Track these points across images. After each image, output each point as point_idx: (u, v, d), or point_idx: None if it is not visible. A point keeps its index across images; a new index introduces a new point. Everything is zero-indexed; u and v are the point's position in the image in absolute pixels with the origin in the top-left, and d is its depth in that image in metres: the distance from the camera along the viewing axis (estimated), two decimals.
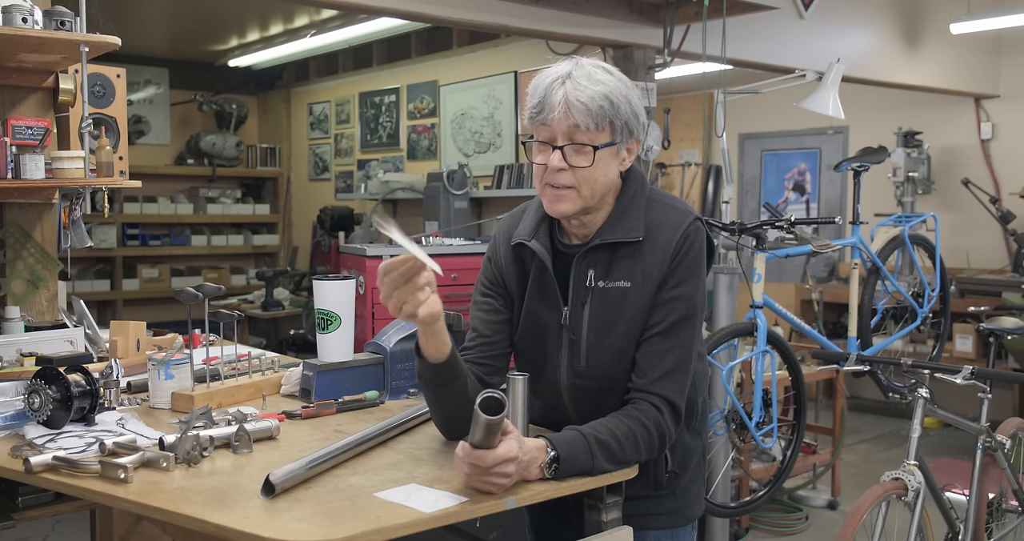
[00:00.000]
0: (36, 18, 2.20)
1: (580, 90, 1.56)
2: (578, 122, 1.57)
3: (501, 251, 1.79)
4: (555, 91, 1.58)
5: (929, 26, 5.95)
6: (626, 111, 1.60)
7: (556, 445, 1.51)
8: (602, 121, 1.58)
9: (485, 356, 1.74)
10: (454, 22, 4.12)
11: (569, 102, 1.56)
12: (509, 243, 1.76)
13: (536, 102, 1.60)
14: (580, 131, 1.58)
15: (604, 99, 1.57)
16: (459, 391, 1.60)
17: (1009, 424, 3.26)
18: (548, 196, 1.64)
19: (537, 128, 1.62)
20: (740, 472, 4.00)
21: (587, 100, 1.56)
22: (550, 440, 1.52)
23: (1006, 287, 5.72)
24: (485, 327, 1.77)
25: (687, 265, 1.64)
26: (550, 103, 1.58)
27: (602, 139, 1.60)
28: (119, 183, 2.41)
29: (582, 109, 1.56)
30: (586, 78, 1.58)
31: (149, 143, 7.94)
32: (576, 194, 1.62)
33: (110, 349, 2.41)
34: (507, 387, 1.56)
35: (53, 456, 1.58)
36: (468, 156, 6.40)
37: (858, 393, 6.98)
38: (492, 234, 5.41)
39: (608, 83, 1.59)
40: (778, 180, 7.86)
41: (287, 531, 1.28)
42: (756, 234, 3.27)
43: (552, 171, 1.60)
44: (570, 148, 1.59)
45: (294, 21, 6.63)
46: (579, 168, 1.59)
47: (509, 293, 1.77)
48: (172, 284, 7.68)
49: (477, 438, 1.40)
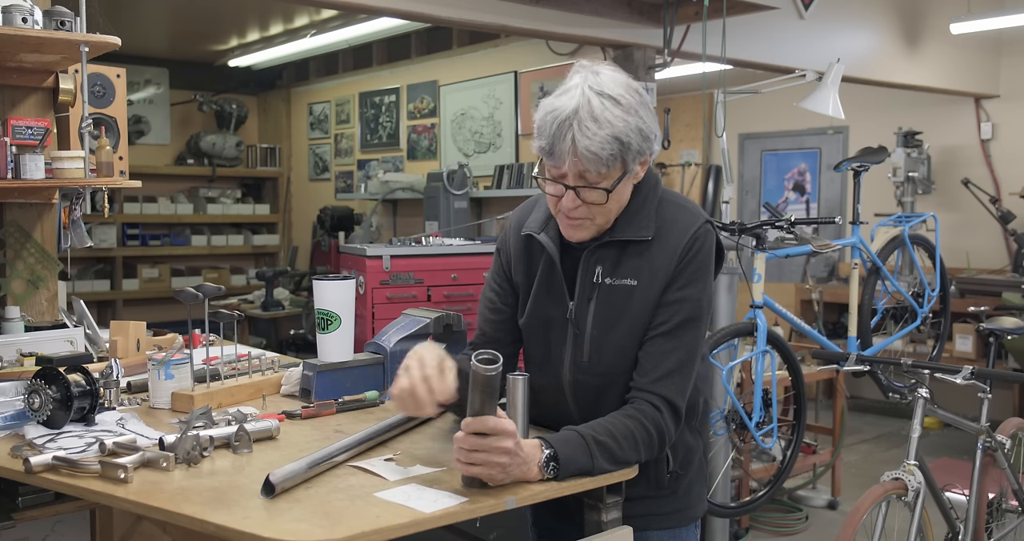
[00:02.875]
0: (36, 18, 2.20)
1: (589, 137, 1.51)
2: (588, 169, 1.55)
3: (511, 240, 1.80)
4: (563, 137, 1.53)
5: (929, 26, 5.94)
6: (636, 142, 1.56)
7: (553, 444, 1.51)
8: (613, 163, 1.55)
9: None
10: (454, 22, 4.12)
11: (578, 152, 1.52)
12: (519, 233, 1.77)
13: (545, 144, 1.57)
14: (591, 174, 1.56)
15: (613, 142, 1.53)
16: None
17: (1009, 424, 3.26)
18: (564, 224, 1.65)
19: (547, 164, 1.60)
20: (740, 472, 4.00)
21: (597, 149, 1.52)
22: (545, 439, 1.52)
23: (1006, 287, 5.72)
24: (487, 325, 1.79)
25: (695, 267, 1.65)
26: (559, 150, 1.54)
27: (614, 176, 1.57)
28: (119, 183, 2.41)
29: (592, 158, 1.53)
30: (592, 120, 1.51)
31: (149, 143, 7.94)
32: (591, 222, 1.63)
33: (110, 349, 2.41)
34: (507, 387, 1.56)
35: (53, 456, 1.58)
36: (468, 156, 6.40)
37: (858, 393, 6.98)
38: (495, 233, 5.43)
39: (615, 122, 1.53)
40: (778, 180, 7.85)
41: (287, 531, 1.28)
42: (756, 234, 3.27)
43: (565, 207, 1.60)
44: (583, 188, 1.57)
45: (294, 21, 6.63)
46: (594, 204, 1.59)
47: (514, 286, 1.78)
48: (172, 284, 7.68)
49: (476, 404, 1.41)
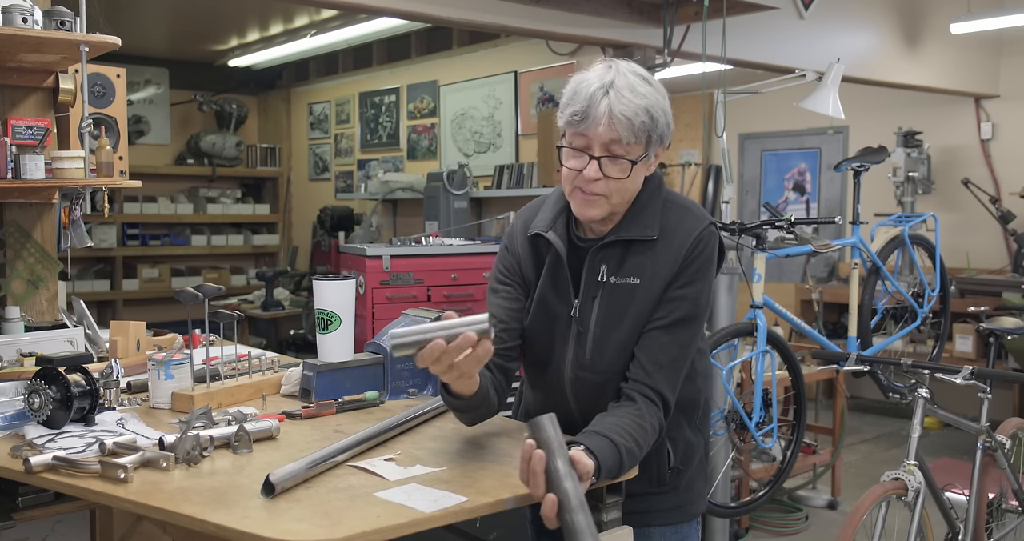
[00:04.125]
0: (36, 18, 2.20)
1: (624, 104, 1.55)
2: (620, 136, 1.56)
3: (518, 240, 1.81)
4: (599, 102, 1.56)
5: (929, 26, 5.94)
6: (662, 123, 1.60)
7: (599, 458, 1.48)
8: (641, 135, 1.58)
9: (504, 342, 1.75)
10: (454, 22, 4.12)
11: (613, 115, 1.55)
12: (526, 233, 1.78)
13: (579, 109, 1.58)
14: (619, 144, 1.57)
15: (646, 113, 1.57)
16: (486, 405, 1.67)
17: (1009, 424, 3.26)
18: (578, 200, 1.65)
19: (573, 135, 1.61)
20: (740, 472, 4.00)
21: (631, 115, 1.55)
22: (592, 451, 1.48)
23: (1006, 287, 5.72)
24: (505, 313, 1.78)
25: (697, 267, 1.67)
26: (594, 114, 1.56)
27: (637, 152, 1.60)
28: (119, 183, 2.41)
29: (626, 124, 1.55)
30: (629, 90, 1.56)
31: (149, 143, 7.94)
32: (606, 201, 1.63)
33: (110, 349, 2.41)
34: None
35: (53, 456, 1.58)
36: (468, 156, 6.40)
37: (858, 393, 6.98)
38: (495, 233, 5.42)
39: (649, 96, 1.58)
40: (778, 180, 7.85)
41: (287, 531, 1.28)
42: (756, 234, 3.27)
43: (586, 179, 1.60)
44: (607, 160, 1.59)
45: (294, 21, 6.63)
46: (613, 179, 1.60)
47: (526, 282, 1.79)
48: (172, 284, 7.67)
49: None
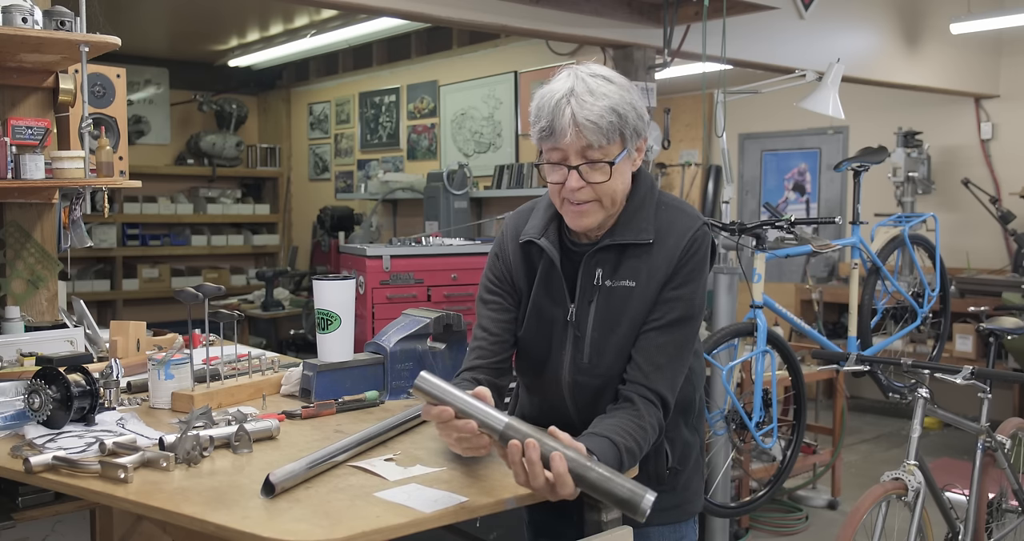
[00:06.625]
0: (36, 18, 2.20)
1: (587, 109, 1.54)
2: (591, 141, 1.55)
3: (509, 248, 1.79)
4: (562, 112, 1.55)
5: (929, 26, 5.94)
6: (632, 117, 1.59)
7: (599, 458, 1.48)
8: (613, 135, 1.57)
9: (496, 356, 1.74)
10: (454, 22, 4.12)
11: (579, 123, 1.54)
12: (517, 240, 1.77)
13: (545, 124, 1.58)
14: (593, 149, 1.57)
15: (611, 113, 1.56)
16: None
17: (1009, 424, 3.26)
18: (570, 213, 1.64)
19: (548, 150, 1.61)
20: (740, 472, 4.00)
21: (596, 118, 1.54)
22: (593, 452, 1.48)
23: (1006, 287, 5.72)
24: (495, 326, 1.76)
25: (691, 267, 1.66)
26: (560, 126, 1.56)
27: (615, 152, 1.59)
28: (119, 183, 2.41)
29: (593, 128, 1.55)
30: (589, 93, 1.55)
31: (149, 143, 7.94)
32: (598, 206, 1.63)
33: (110, 349, 2.41)
34: (433, 394, 1.47)
35: (53, 456, 1.58)
36: (468, 156, 6.40)
37: (858, 393, 6.98)
38: (495, 233, 5.42)
39: (611, 94, 1.57)
40: (778, 180, 7.85)
41: (287, 531, 1.28)
42: (756, 234, 3.27)
43: (571, 190, 1.60)
44: (586, 166, 1.58)
45: (294, 21, 6.63)
46: (598, 183, 1.60)
47: (517, 290, 1.78)
48: (172, 284, 7.67)
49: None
